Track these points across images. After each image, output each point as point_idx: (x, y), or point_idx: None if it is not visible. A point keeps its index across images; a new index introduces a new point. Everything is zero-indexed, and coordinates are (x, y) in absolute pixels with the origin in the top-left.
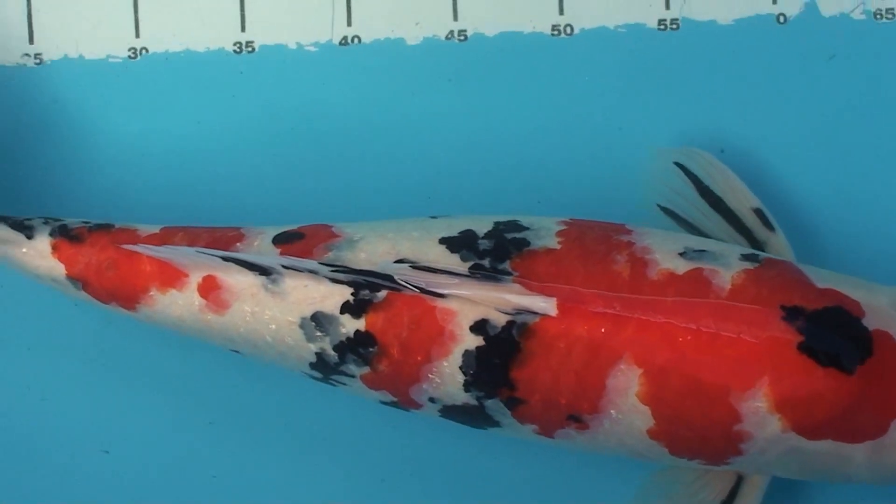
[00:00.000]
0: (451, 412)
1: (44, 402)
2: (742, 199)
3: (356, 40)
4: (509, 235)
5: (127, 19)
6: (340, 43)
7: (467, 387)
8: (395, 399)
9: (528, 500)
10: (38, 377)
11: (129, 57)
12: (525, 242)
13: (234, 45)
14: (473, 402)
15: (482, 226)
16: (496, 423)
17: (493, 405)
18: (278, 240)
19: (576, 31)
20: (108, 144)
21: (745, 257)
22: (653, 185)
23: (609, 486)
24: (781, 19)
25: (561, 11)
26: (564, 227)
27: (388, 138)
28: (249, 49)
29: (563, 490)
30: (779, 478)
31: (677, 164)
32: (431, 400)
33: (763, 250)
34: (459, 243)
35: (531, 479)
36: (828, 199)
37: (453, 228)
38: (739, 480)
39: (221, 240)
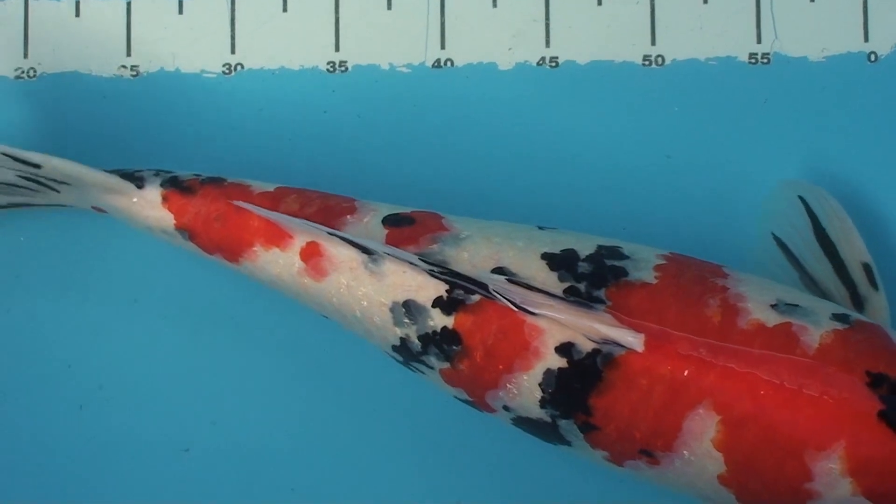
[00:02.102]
0: (524, 423)
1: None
2: (854, 251)
3: (449, 63)
4: (609, 262)
5: (223, 36)
6: (433, 65)
7: (543, 403)
8: (470, 399)
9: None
10: (141, 329)
11: (224, 72)
12: (623, 272)
13: (328, 64)
14: (547, 419)
15: (585, 247)
16: (567, 443)
17: (567, 426)
18: (388, 221)
19: (667, 61)
20: (198, 156)
21: (837, 317)
22: (773, 213)
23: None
24: (873, 57)
25: (653, 42)
26: (663, 262)
27: (477, 158)
28: (343, 68)
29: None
30: None
31: (801, 198)
32: (506, 408)
33: (862, 306)
34: (560, 262)
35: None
36: None
37: (557, 245)
38: None
39: (334, 209)
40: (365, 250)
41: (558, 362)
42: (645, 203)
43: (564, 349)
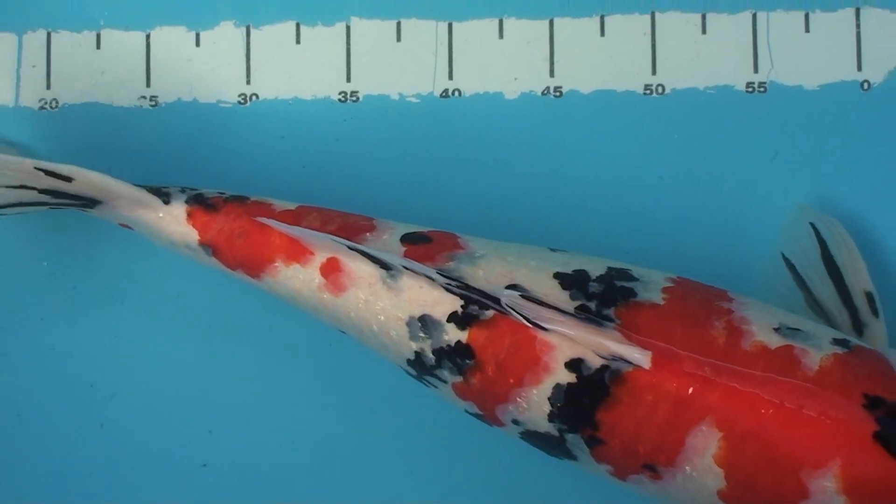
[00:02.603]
0: (532, 437)
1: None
2: (858, 280)
3: (457, 93)
4: (619, 283)
5: (239, 67)
6: (441, 95)
7: (552, 417)
8: (480, 412)
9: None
10: (160, 343)
11: (240, 102)
12: (632, 293)
13: (340, 94)
14: (555, 433)
15: (596, 268)
16: (573, 457)
17: (574, 440)
18: (406, 239)
19: (667, 90)
20: (215, 183)
21: (837, 342)
22: (784, 235)
23: None
24: (866, 86)
25: (654, 72)
26: (671, 285)
27: (485, 183)
28: (354, 98)
29: None
30: None
31: (812, 224)
32: (515, 422)
33: (862, 332)
34: (572, 282)
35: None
36: None
37: (569, 265)
38: None
39: (353, 227)
40: (383, 265)
41: (567, 377)
42: (648, 225)
43: (574, 365)
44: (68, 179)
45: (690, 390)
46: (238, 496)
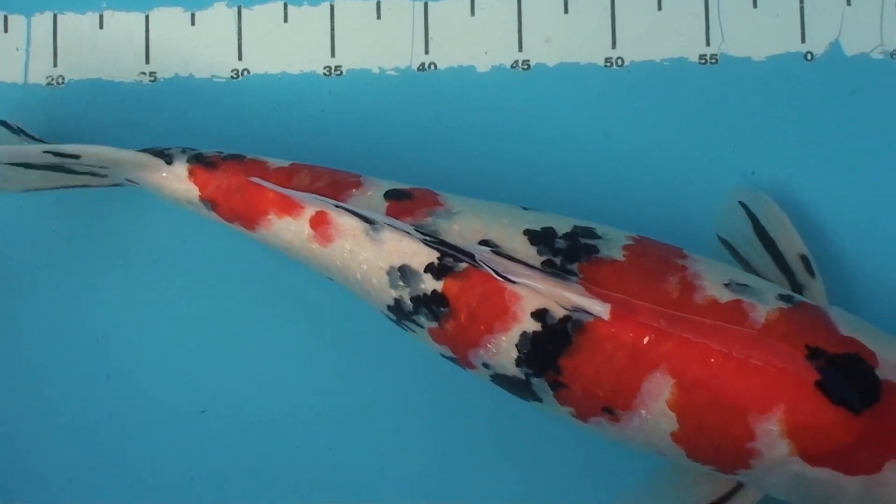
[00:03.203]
0: (500, 380)
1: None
2: (791, 245)
3: (432, 67)
4: (583, 240)
5: (232, 45)
6: (418, 69)
7: (519, 362)
8: (454, 356)
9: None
10: (163, 290)
11: (232, 77)
12: (595, 250)
13: (325, 68)
14: (521, 376)
15: (563, 226)
16: (538, 399)
17: (539, 384)
18: (390, 195)
19: (626, 63)
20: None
21: (782, 297)
22: (718, 217)
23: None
24: (809, 57)
25: (613, 46)
26: (631, 243)
27: (459, 149)
28: (338, 72)
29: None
30: None
31: (742, 203)
32: (485, 365)
33: (801, 293)
34: (540, 238)
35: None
36: (849, 230)
37: (538, 223)
38: (738, 487)
39: (342, 183)
40: (367, 220)
41: (533, 326)
42: (611, 187)
43: (539, 314)
44: (76, 157)
45: (646, 340)
46: (236, 441)
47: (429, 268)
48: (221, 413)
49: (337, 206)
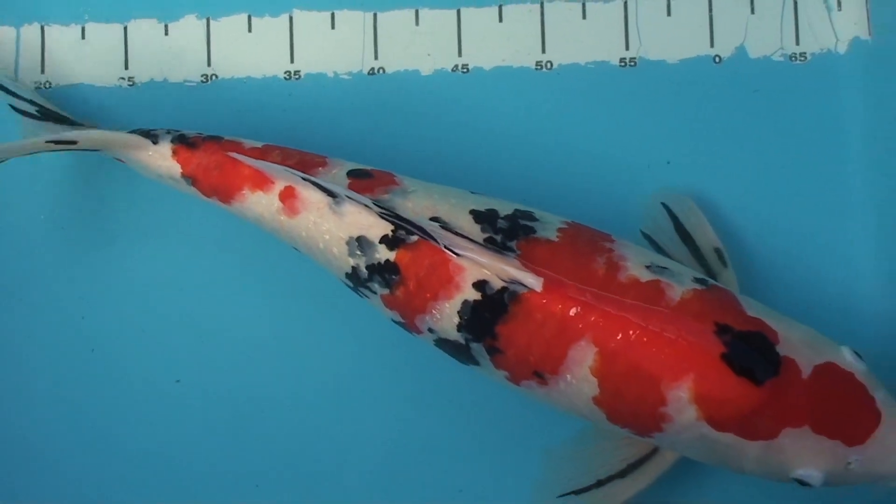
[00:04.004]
0: (443, 344)
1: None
2: (707, 239)
3: (381, 71)
4: (522, 222)
5: (201, 52)
6: (368, 73)
7: (460, 328)
8: (402, 321)
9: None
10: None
11: (202, 81)
12: (532, 230)
13: (285, 73)
14: (462, 341)
15: (505, 209)
16: (476, 362)
17: (477, 348)
18: (352, 174)
19: (555, 66)
20: None
21: (697, 280)
22: (643, 217)
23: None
24: (717, 59)
25: (543, 50)
26: (565, 227)
27: (405, 144)
28: (297, 77)
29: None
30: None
31: (664, 204)
32: (430, 330)
33: (716, 279)
34: (484, 218)
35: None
36: (753, 217)
37: (483, 205)
38: (655, 451)
39: (309, 162)
40: (330, 194)
41: (474, 295)
42: (546, 178)
43: (479, 285)
44: (74, 142)
45: (573, 311)
46: (209, 411)
47: (383, 239)
48: (195, 383)
49: (304, 180)
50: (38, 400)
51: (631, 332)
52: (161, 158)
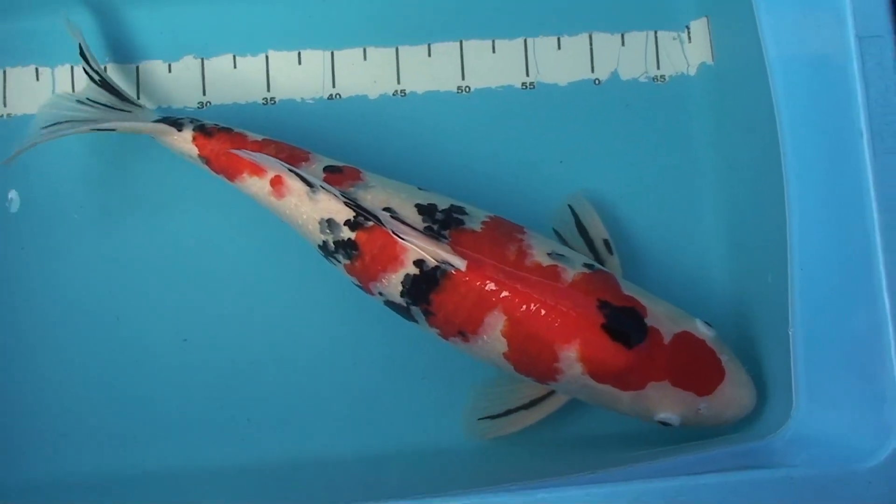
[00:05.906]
0: (391, 305)
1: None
2: (597, 232)
3: (338, 96)
4: (455, 215)
5: (197, 85)
6: (328, 98)
7: (402, 294)
8: (360, 285)
9: None
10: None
11: (198, 107)
12: (462, 222)
13: (263, 99)
14: (404, 304)
15: (443, 203)
16: (415, 321)
17: (416, 310)
18: (327, 169)
19: (472, 90)
20: (179, 163)
21: (586, 265)
22: (555, 216)
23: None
24: (597, 82)
25: (462, 77)
26: (488, 220)
27: (359, 157)
28: (273, 102)
29: None
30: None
31: (569, 205)
32: (380, 293)
33: (603, 265)
34: (425, 210)
35: None
36: (633, 213)
37: (426, 200)
38: (551, 392)
39: (296, 156)
40: (309, 184)
41: (414, 270)
42: (471, 182)
43: (418, 263)
44: (113, 130)
45: (489, 287)
46: (217, 368)
47: (347, 222)
48: (202, 342)
49: (290, 171)
50: (66, 362)
51: (533, 305)
52: (183, 142)
